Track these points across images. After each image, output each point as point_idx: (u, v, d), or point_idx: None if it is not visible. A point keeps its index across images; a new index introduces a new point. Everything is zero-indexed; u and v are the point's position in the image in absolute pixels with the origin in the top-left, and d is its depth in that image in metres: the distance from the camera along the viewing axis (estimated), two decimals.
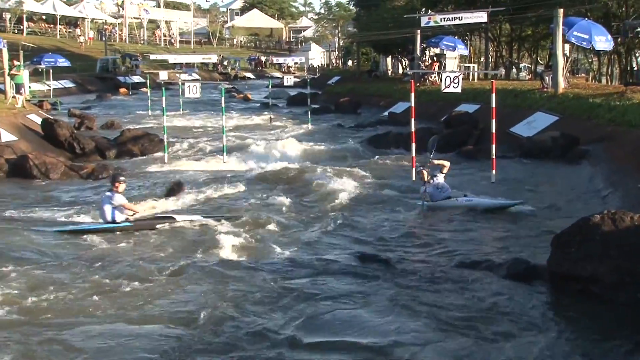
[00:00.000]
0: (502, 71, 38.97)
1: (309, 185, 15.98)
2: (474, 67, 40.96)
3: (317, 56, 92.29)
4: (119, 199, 12.13)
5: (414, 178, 15.67)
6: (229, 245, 10.87)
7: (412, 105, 16.43)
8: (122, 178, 12.42)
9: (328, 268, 9.78)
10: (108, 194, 12.22)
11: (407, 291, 8.85)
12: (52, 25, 76.61)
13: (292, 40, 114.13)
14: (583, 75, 35.94)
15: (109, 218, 12.14)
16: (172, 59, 73.94)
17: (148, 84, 38.56)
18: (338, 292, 8.81)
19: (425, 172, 13.94)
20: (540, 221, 12.59)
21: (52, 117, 25.30)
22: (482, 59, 44.83)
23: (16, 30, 69.49)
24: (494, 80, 16.14)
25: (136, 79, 60.79)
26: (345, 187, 15.54)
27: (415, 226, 12.58)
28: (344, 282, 9.20)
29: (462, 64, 40.43)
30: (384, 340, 7.37)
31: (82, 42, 71.63)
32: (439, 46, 35.92)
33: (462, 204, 13.52)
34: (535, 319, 7.94)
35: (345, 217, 13.11)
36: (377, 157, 20.70)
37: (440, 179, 14.01)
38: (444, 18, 34.63)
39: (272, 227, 12.20)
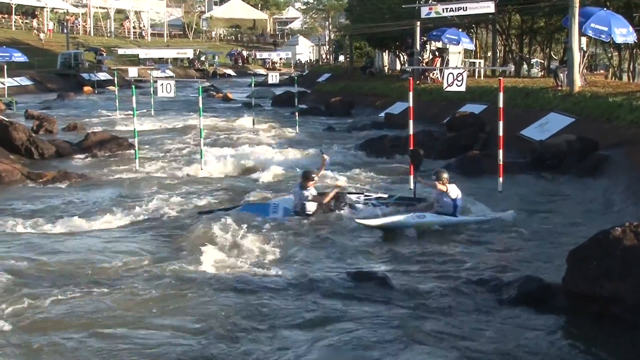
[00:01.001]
0: (512, 67, 39.16)
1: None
2: (480, 62, 41.17)
3: (305, 51, 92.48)
4: (311, 194, 13.92)
5: (411, 186, 15.69)
6: (209, 260, 10.86)
7: (411, 105, 16.47)
8: (313, 175, 14.06)
9: (320, 287, 9.74)
10: (302, 192, 13.88)
11: (406, 314, 8.83)
12: (6, 15, 76.39)
13: (277, 33, 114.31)
14: (602, 71, 36.20)
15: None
16: (142, 53, 74.00)
17: (116, 82, 38.60)
18: (333, 315, 8.77)
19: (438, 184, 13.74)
20: (554, 234, 12.62)
21: (6, 119, 25.19)
22: (489, 53, 45.00)
23: None
24: (502, 78, 16.19)
25: (102, 76, 60.82)
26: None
27: (414, 240, 12.57)
28: (339, 304, 9.16)
29: (466, 60, 40.60)
30: None
31: (42, 39, 71.46)
32: (441, 40, 36.03)
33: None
34: (548, 344, 7.94)
35: (335, 231, 13.09)
36: (371, 163, 20.70)
37: (450, 195, 13.72)
38: (447, 8, 34.75)
39: (257, 242, 12.17)
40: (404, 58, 45.70)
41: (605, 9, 26.25)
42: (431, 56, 38.32)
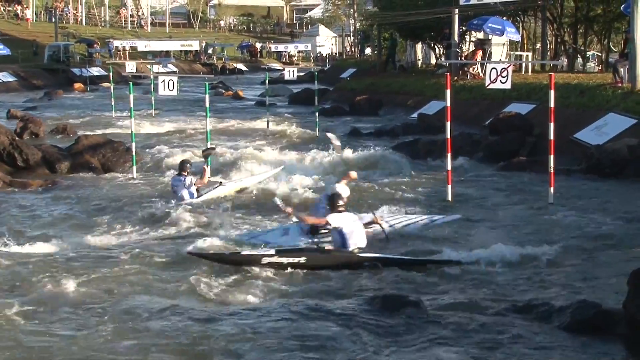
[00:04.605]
0: (564, 61, 39.00)
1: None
2: (527, 56, 41.05)
3: (327, 43, 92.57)
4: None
5: (449, 197, 15.68)
6: (220, 282, 11.04)
7: (448, 105, 16.45)
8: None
9: (347, 314, 9.76)
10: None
11: (443, 344, 8.82)
12: None
13: (295, 22, 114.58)
14: None
15: None
16: (141, 45, 74.33)
17: (111, 78, 38.82)
18: (358, 345, 8.81)
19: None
20: (613, 253, 12.55)
21: None
22: (538, 45, 44.88)
23: None
24: (552, 73, 16.18)
25: (95, 71, 61.10)
26: (360, 211, 15.54)
27: (449, 256, 12.55)
28: (366, 332, 9.18)
29: (512, 53, 40.49)
30: None
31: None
32: (482, 30, 35.99)
33: None
34: None
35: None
36: (401, 171, 20.69)
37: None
38: None
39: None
40: (439, 51, 45.68)
41: None
42: (471, 48, 38.26)
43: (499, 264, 12.02)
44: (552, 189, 15.48)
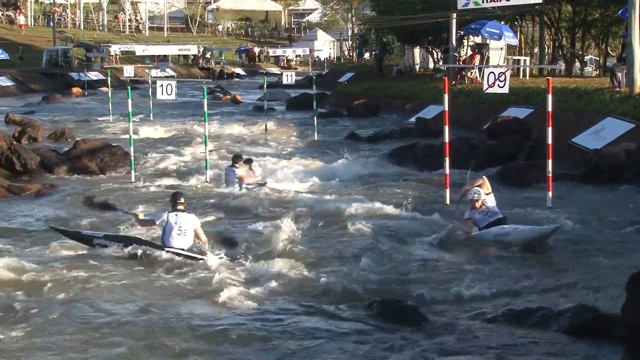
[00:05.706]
0: (562, 65, 38.96)
1: (310, 214, 15.95)
2: (525, 60, 41.03)
3: (324, 47, 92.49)
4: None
5: (447, 202, 15.68)
6: (218, 288, 11.05)
7: (446, 109, 16.45)
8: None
9: (346, 318, 9.77)
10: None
11: (442, 351, 8.81)
12: None
13: (293, 26, 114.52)
14: None
15: None
16: (139, 50, 74.38)
17: (109, 82, 38.79)
18: (360, 355, 8.79)
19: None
20: (611, 257, 12.55)
21: None
22: (536, 50, 44.87)
23: None
24: (550, 78, 16.16)
25: (93, 75, 61.05)
26: (357, 216, 15.56)
27: (449, 262, 12.55)
28: (363, 338, 9.17)
29: (509, 57, 40.49)
30: None
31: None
32: (480, 34, 35.98)
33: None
34: None
35: (359, 253, 13.09)
36: (400, 175, 20.69)
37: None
38: None
39: (269, 266, 12.19)
40: (437, 55, 45.68)
41: None
42: (469, 53, 38.21)
43: (497, 268, 12.04)
44: (550, 194, 15.48)
